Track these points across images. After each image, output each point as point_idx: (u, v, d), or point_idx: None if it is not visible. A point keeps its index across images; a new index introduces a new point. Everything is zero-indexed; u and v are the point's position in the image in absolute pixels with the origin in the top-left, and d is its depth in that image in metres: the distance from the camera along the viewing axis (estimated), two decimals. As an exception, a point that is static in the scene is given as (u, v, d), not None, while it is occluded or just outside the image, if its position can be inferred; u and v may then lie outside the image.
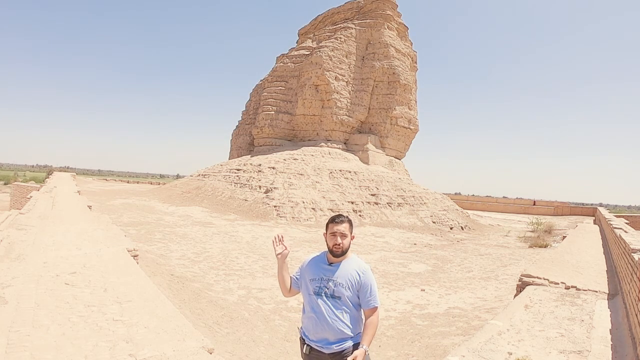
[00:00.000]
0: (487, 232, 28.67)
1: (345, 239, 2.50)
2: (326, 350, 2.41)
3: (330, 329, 2.40)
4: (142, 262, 8.08)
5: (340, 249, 2.49)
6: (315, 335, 2.45)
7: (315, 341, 2.46)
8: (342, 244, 2.49)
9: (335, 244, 2.49)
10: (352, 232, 2.57)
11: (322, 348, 2.42)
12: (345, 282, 2.45)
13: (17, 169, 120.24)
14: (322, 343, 2.43)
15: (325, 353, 2.42)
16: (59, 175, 40.60)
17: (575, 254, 9.61)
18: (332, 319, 2.40)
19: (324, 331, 2.42)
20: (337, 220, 2.52)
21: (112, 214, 19.29)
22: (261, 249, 14.91)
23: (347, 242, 2.51)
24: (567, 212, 50.30)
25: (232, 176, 33.40)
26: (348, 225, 2.52)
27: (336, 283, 2.45)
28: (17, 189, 26.49)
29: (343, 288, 2.44)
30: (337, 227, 2.50)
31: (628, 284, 4.84)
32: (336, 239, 2.49)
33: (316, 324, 2.44)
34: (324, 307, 2.43)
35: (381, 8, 42.64)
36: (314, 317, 2.46)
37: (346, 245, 2.50)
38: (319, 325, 2.43)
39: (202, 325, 6.38)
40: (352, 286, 2.45)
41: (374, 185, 32.00)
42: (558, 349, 3.55)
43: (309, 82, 38.80)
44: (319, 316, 2.43)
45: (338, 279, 2.46)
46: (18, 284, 4.55)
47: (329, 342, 2.41)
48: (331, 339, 2.41)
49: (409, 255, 16.28)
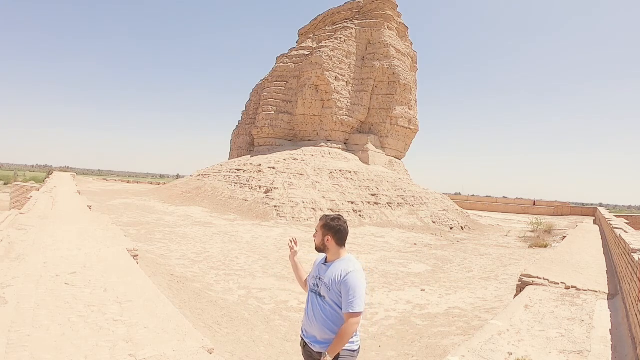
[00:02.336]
0: (487, 232, 28.66)
1: (315, 236, 2.63)
2: (314, 348, 2.47)
3: (316, 327, 2.46)
4: (142, 262, 8.07)
5: (315, 245, 2.63)
6: (307, 331, 2.54)
7: (307, 337, 2.54)
8: (315, 240, 2.64)
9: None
10: (329, 234, 2.54)
11: (312, 345, 2.48)
12: (329, 281, 2.46)
13: (17, 169, 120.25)
14: (311, 340, 2.49)
15: (314, 351, 2.48)
16: (59, 175, 40.60)
17: (575, 254, 9.61)
18: (318, 317, 2.46)
19: (312, 328, 2.49)
20: (320, 218, 2.66)
21: (112, 214, 19.30)
22: (261, 249, 14.91)
23: (317, 239, 2.61)
24: (567, 212, 50.31)
25: (232, 176, 33.40)
26: (321, 223, 2.61)
27: (323, 282, 2.50)
28: (17, 189, 26.50)
29: (326, 288, 2.46)
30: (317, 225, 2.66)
31: (628, 284, 4.84)
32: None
33: (306, 319, 2.56)
34: (312, 304, 2.52)
35: (381, 8, 42.63)
36: (305, 313, 2.59)
37: (316, 242, 2.61)
38: (307, 321, 2.54)
39: (202, 325, 6.38)
40: (334, 287, 2.42)
41: (374, 185, 32.00)
42: (558, 349, 3.55)
43: (309, 82, 38.79)
44: (309, 312, 2.54)
45: (325, 278, 2.50)
46: (18, 284, 4.54)
47: (316, 340, 2.46)
48: (318, 337, 2.45)
49: (409, 255, 16.28)
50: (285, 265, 12.04)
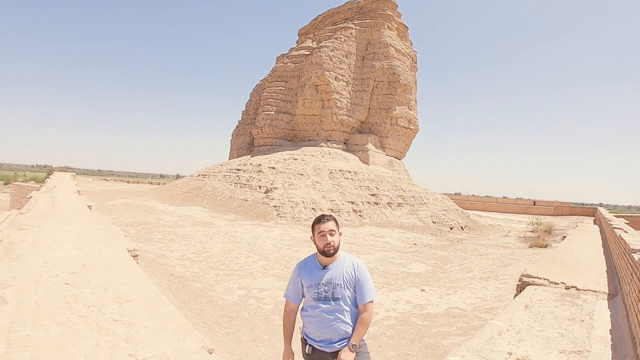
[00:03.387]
0: (487, 232, 28.66)
1: (334, 236, 2.47)
2: (328, 349, 2.43)
3: (332, 331, 2.42)
4: (142, 262, 8.07)
5: (332, 247, 2.46)
6: (319, 337, 2.47)
7: (318, 342, 2.47)
8: (332, 242, 2.46)
9: (327, 244, 2.46)
10: (340, 230, 2.53)
11: (325, 347, 2.44)
12: (343, 281, 2.45)
13: (17, 169, 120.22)
14: (324, 343, 2.45)
15: (327, 352, 2.44)
16: (59, 175, 40.60)
17: (575, 254, 9.60)
18: (334, 321, 2.42)
19: (327, 333, 2.44)
20: (323, 220, 2.50)
21: (112, 214, 19.30)
22: (261, 249, 14.91)
23: (337, 239, 2.49)
24: (567, 212, 50.30)
25: (232, 176, 33.40)
26: (334, 222, 2.50)
27: (334, 285, 2.45)
28: (17, 189, 26.50)
29: (342, 288, 2.44)
30: (324, 226, 2.47)
31: (628, 284, 4.84)
32: (326, 238, 2.46)
33: (318, 328, 2.46)
34: (325, 310, 2.44)
35: (381, 8, 42.64)
36: (316, 322, 2.47)
37: (337, 242, 2.48)
38: (321, 328, 2.45)
39: (202, 325, 6.39)
40: (350, 284, 2.46)
41: (374, 185, 32.00)
42: (558, 349, 3.55)
43: (309, 82, 38.80)
44: (321, 319, 2.44)
45: (335, 280, 2.46)
46: (18, 284, 4.54)
47: (331, 342, 2.43)
48: (334, 339, 2.43)
49: (409, 255, 16.28)
50: (285, 266, 12.04)
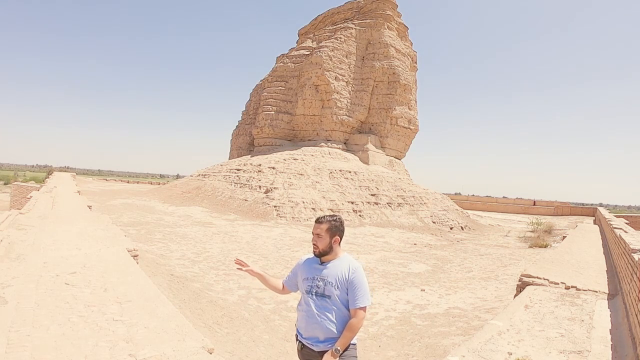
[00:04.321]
0: (487, 232, 28.66)
1: (320, 240, 2.53)
2: (315, 348, 2.46)
3: (319, 327, 2.45)
4: (142, 262, 8.08)
5: (317, 249, 2.55)
6: (307, 333, 2.51)
7: (306, 338, 2.51)
8: (317, 245, 2.54)
9: (313, 244, 2.58)
10: (336, 235, 2.55)
11: (312, 346, 2.47)
12: (335, 280, 2.47)
13: (17, 169, 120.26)
14: (312, 341, 2.48)
15: (315, 351, 2.46)
16: (59, 175, 40.60)
17: (575, 254, 9.60)
18: (321, 318, 2.44)
19: (314, 329, 2.47)
20: (318, 221, 2.59)
21: (112, 214, 19.30)
22: (261, 249, 14.91)
23: (323, 243, 2.53)
24: (567, 212, 50.29)
25: (232, 176, 33.41)
26: (326, 226, 2.53)
27: (326, 282, 2.48)
28: (17, 189, 26.49)
29: (332, 287, 2.46)
30: (316, 227, 2.56)
31: (628, 284, 4.84)
32: (313, 239, 2.58)
33: (307, 322, 2.51)
34: (314, 305, 2.48)
35: (381, 8, 42.64)
36: (305, 315, 2.53)
37: (322, 246, 2.53)
38: (309, 323, 2.49)
39: (202, 325, 6.39)
40: (342, 285, 2.46)
41: (374, 185, 32.00)
42: (558, 349, 3.55)
43: (309, 82, 38.80)
44: (309, 314, 2.49)
45: (328, 277, 2.49)
46: (18, 284, 4.54)
47: (318, 340, 2.45)
48: (321, 337, 2.45)
49: (409, 255, 16.28)
50: (285, 266, 12.04)
